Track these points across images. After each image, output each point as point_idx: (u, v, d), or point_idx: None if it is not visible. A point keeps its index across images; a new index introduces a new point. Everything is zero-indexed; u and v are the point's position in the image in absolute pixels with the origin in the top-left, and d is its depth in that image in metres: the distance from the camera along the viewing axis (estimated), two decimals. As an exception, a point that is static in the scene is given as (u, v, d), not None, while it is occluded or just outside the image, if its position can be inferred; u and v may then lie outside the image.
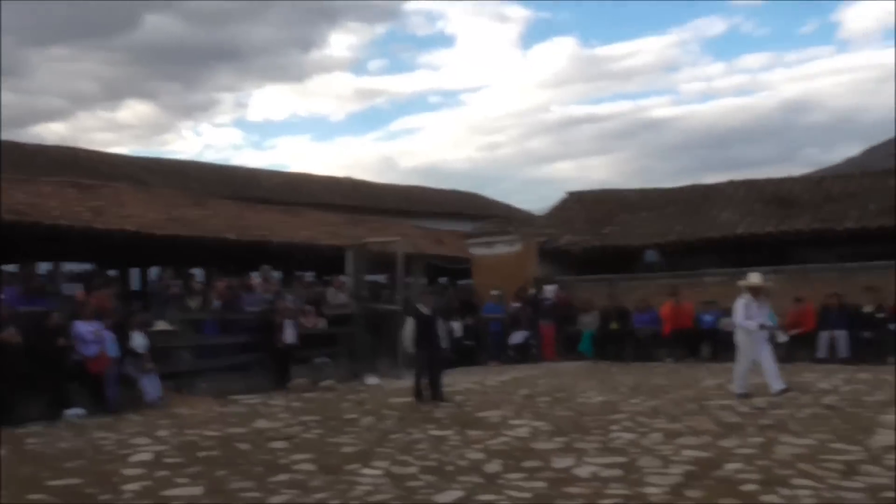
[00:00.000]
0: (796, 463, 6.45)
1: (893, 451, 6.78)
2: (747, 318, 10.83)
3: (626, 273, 19.35)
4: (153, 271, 17.78)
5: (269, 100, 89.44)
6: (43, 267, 14.30)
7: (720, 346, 16.52)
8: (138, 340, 11.68)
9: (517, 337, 18.03)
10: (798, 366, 14.82)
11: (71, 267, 17.56)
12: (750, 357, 10.86)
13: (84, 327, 10.94)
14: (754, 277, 11.33)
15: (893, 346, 14.95)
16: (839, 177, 22.50)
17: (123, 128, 78.45)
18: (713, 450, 7.14)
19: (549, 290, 18.51)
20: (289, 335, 13.79)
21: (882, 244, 17.90)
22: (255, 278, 14.92)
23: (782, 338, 11.90)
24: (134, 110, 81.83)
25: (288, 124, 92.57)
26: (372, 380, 14.23)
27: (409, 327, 11.46)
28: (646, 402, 10.53)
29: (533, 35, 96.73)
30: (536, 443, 7.76)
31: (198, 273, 16.26)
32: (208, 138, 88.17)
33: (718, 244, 19.05)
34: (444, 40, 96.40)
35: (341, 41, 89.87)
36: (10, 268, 14.04)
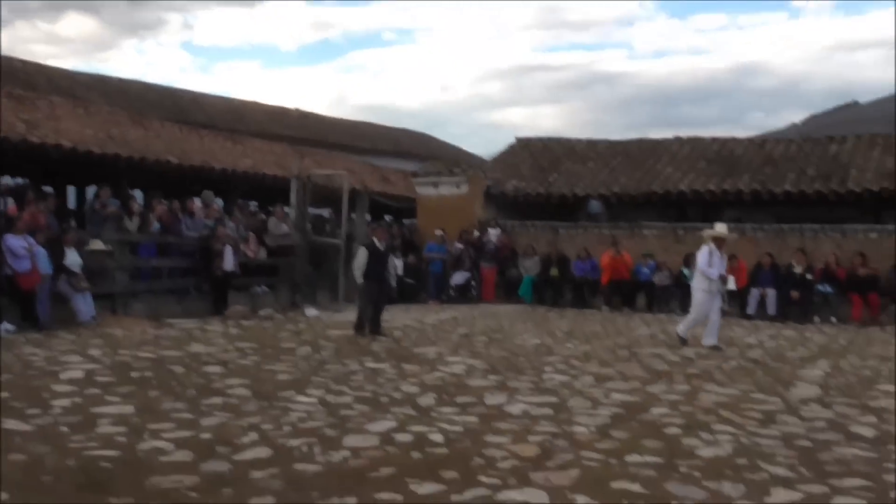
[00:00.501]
0: (718, 410, 6.69)
1: (809, 404, 7.10)
2: (709, 266, 10.90)
3: (568, 221, 19.57)
4: (90, 190, 17.30)
5: (218, 23, 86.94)
6: (-27, 178, 13.79)
7: (655, 297, 16.99)
8: (72, 258, 11.41)
9: (458, 278, 18.17)
10: (728, 320, 15.28)
11: (3, 180, 16.96)
12: (706, 308, 10.92)
13: (15, 241, 10.62)
14: (720, 228, 11.44)
15: (819, 307, 15.53)
16: (781, 141, 22.92)
17: (63, 41, 75.53)
18: (641, 395, 7.36)
19: (493, 233, 18.65)
20: (228, 262, 13.64)
21: (817, 209, 18.45)
22: (196, 203, 14.63)
23: (731, 286, 12.15)
24: (75, 24, 78.69)
25: (237, 50, 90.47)
26: (311, 311, 14.22)
27: (360, 258, 11.40)
28: (579, 346, 10.77)
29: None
30: (471, 380, 7.89)
31: (137, 195, 15.87)
32: (152, 58, 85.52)
33: (660, 199, 19.36)
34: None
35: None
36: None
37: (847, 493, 4.51)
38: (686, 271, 16.62)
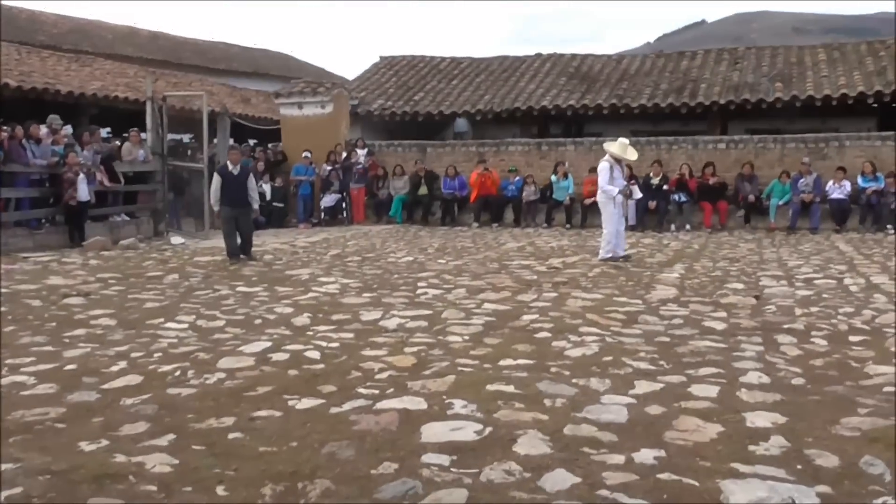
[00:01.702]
0: (585, 314, 7.00)
1: (668, 303, 7.54)
2: (610, 182, 10.82)
3: (436, 139, 19.61)
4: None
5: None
6: None
7: (522, 212, 17.42)
8: None
9: (328, 200, 17.95)
10: (591, 231, 15.97)
11: None
12: (618, 222, 10.93)
13: None
14: (621, 144, 11.21)
15: (674, 215, 16.36)
16: (637, 56, 23.61)
17: None
18: (511, 303, 7.59)
19: (361, 153, 18.44)
20: (82, 191, 12.88)
21: (671, 121, 19.27)
22: (42, 129, 13.62)
23: (637, 195, 12.25)
24: None
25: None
26: (177, 239, 13.73)
27: (214, 185, 11.12)
28: (451, 262, 10.94)
29: None
30: (345, 298, 7.89)
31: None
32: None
33: (524, 115, 19.65)
34: None
35: None
36: None
37: (702, 380, 4.84)
38: (554, 178, 17.11)
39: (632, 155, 11.31)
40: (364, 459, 3.52)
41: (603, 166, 10.96)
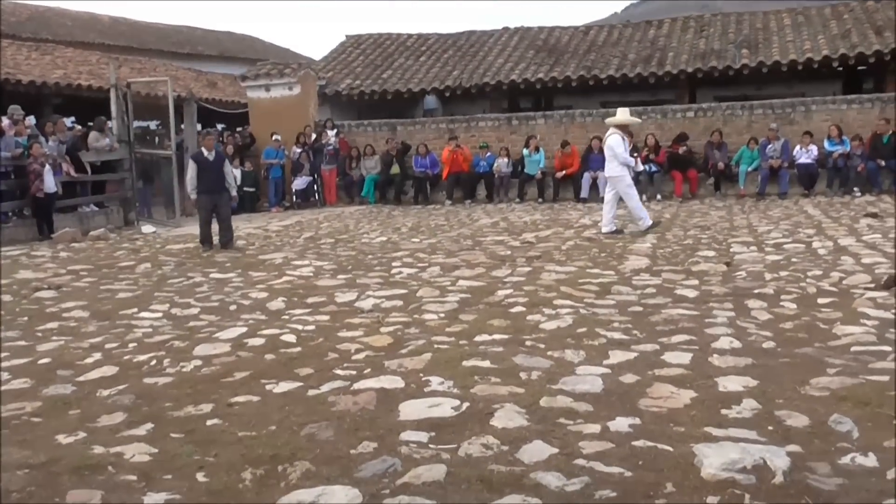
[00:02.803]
0: (559, 287, 7.05)
1: (640, 273, 7.62)
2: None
3: (405, 117, 19.53)
4: None
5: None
6: None
7: (494, 188, 17.44)
8: None
9: (299, 182, 17.85)
10: (563, 204, 16.08)
11: None
12: (635, 190, 10.95)
13: None
14: (623, 114, 11.25)
15: (646, 186, 16.43)
16: (604, 27, 23.58)
17: None
18: (486, 279, 7.63)
19: (331, 134, 18.33)
20: (49, 183, 12.71)
21: (640, 91, 19.33)
22: (4, 120, 13.40)
23: (640, 167, 12.24)
24: None
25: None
26: (147, 228, 13.61)
27: (190, 172, 10.95)
28: (425, 240, 10.95)
29: None
30: (320, 280, 7.89)
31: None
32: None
33: (493, 89, 19.60)
34: None
35: None
36: None
37: (675, 348, 4.91)
38: (526, 152, 17.12)
39: (634, 120, 11.78)
40: (343, 439, 3.55)
41: (616, 139, 10.86)
